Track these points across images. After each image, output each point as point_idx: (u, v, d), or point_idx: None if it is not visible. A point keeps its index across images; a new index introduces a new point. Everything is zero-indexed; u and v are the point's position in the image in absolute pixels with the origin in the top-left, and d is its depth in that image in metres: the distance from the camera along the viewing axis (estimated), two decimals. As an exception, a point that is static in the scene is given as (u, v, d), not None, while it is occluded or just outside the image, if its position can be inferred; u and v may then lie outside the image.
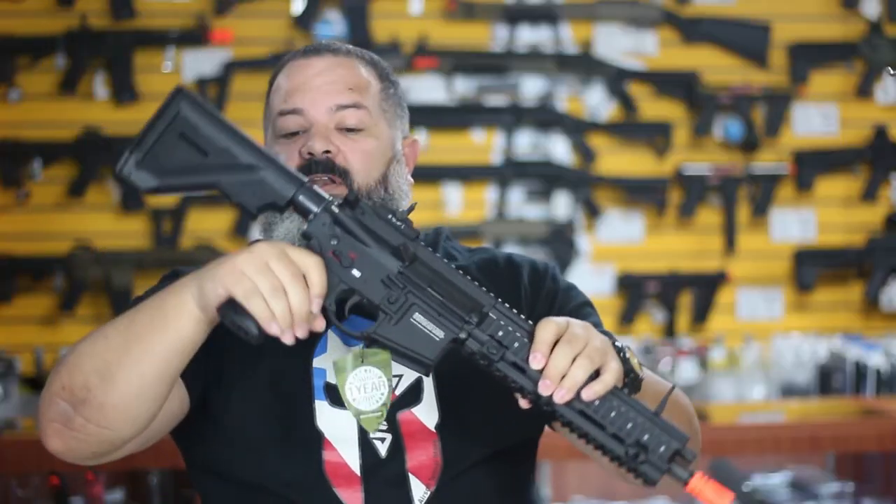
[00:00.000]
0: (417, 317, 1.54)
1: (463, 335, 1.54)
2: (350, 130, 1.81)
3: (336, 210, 1.56)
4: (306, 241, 1.56)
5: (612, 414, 1.52)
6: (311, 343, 1.74)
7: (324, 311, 1.54)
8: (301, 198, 1.56)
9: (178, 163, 1.56)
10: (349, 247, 1.55)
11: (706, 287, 4.68)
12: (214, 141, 1.56)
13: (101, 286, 4.41)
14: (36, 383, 4.30)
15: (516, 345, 1.54)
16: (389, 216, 1.57)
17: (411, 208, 1.64)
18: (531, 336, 1.54)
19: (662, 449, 1.52)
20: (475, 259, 1.91)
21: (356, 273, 1.55)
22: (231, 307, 1.50)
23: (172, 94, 1.57)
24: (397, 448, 1.76)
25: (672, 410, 1.65)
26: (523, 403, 1.55)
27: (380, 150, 1.82)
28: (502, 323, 1.54)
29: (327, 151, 1.78)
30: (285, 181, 1.56)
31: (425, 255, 1.57)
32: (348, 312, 1.59)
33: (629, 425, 1.51)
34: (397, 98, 1.89)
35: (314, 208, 1.56)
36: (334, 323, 1.57)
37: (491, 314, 1.55)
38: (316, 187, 1.59)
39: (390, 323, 1.54)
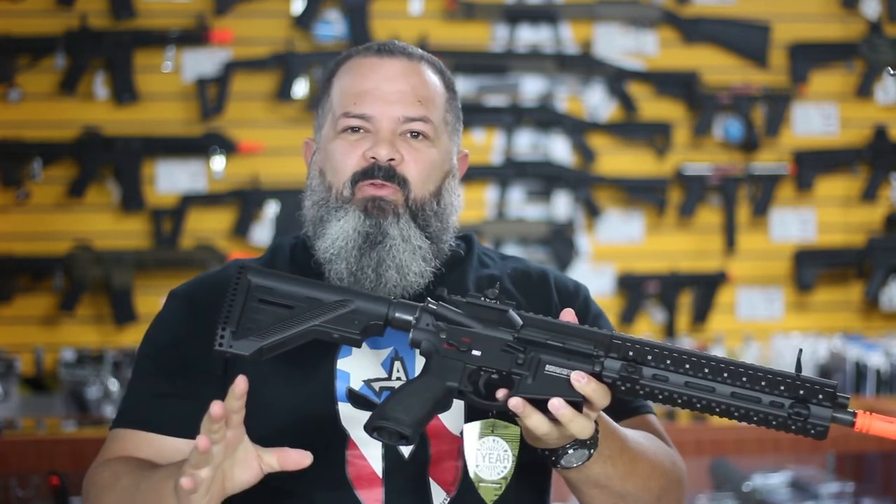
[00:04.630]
0: (550, 368, 1.62)
1: (597, 368, 1.60)
2: (415, 139, 1.83)
3: (435, 307, 1.65)
4: (416, 348, 1.66)
5: (763, 383, 1.57)
6: (336, 346, 1.77)
7: (460, 394, 1.63)
8: (397, 314, 1.65)
9: (271, 321, 1.66)
10: (459, 334, 1.64)
11: (706, 287, 4.68)
12: (294, 294, 1.67)
13: (101, 286, 4.40)
14: (36, 383, 4.30)
15: (650, 357, 1.59)
16: (482, 298, 1.66)
17: (495, 287, 1.68)
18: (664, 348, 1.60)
19: (821, 398, 1.57)
20: (508, 268, 1.93)
21: (476, 353, 1.64)
22: None
23: (237, 271, 1.69)
24: (421, 450, 1.77)
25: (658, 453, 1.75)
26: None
27: (439, 163, 1.86)
28: (628, 344, 1.60)
29: (391, 159, 1.81)
30: (375, 303, 1.67)
31: (528, 317, 1.65)
32: (484, 390, 1.64)
33: (781, 388, 1.57)
34: (457, 110, 1.93)
35: (410, 317, 1.65)
36: (474, 402, 1.64)
37: (615, 341, 1.61)
38: (405, 300, 1.68)
39: (527, 381, 1.61)
